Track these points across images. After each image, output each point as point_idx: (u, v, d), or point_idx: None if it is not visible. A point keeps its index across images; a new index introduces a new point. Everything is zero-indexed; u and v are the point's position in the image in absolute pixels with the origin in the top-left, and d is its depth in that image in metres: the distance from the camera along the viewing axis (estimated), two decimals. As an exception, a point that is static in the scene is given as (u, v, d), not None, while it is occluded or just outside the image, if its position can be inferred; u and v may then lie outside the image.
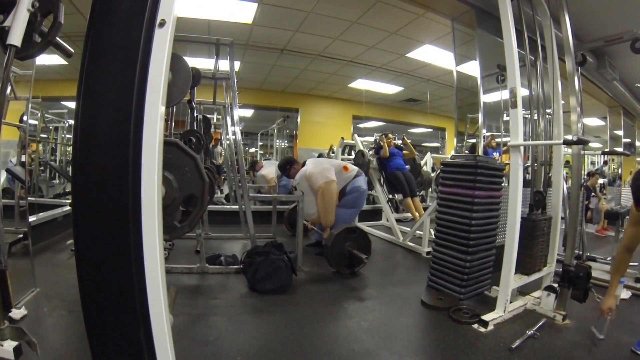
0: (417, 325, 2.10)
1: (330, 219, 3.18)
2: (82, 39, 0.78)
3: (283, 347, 1.71)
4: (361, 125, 8.23)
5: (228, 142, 4.27)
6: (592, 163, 8.35)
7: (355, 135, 5.17)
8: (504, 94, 3.34)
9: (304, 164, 3.60)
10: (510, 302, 2.13)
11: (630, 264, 3.07)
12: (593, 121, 7.60)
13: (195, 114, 3.01)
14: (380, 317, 2.12)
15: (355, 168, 3.60)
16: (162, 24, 0.81)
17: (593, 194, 5.22)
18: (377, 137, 4.83)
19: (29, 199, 2.58)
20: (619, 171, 7.70)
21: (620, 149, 6.80)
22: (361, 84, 6.93)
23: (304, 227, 3.25)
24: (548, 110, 2.46)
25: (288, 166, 3.75)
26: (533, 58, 2.39)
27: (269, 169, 5.38)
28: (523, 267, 2.21)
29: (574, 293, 2.07)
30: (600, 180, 5.82)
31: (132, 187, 0.78)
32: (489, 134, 4.19)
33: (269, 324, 1.97)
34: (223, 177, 6.15)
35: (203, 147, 2.64)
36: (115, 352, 0.82)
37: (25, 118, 2.73)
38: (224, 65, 3.15)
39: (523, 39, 2.21)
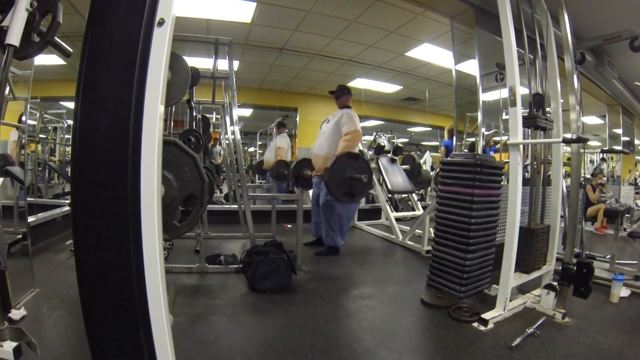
0: (416, 324, 2.10)
1: None
2: (80, 38, 0.78)
3: (283, 346, 1.71)
4: (360, 125, 8.21)
5: (227, 141, 4.26)
6: (591, 161, 8.35)
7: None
8: (503, 93, 3.33)
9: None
10: (510, 301, 2.13)
11: (629, 261, 3.11)
12: (592, 119, 7.61)
13: (194, 114, 3.01)
14: (380, 316, 2.12)
15: None
16: (161, 23, 0.81)
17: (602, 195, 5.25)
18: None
19: (28, 199, 2.58)
20: (618, 170, 7.71)
21: (619, 147, 6.82)
22: (360, 82, 6.92)
23: (304, 174, 3.41)
24: (547, 109, 2.46)
25: (343, 93, 3.67)
26: (532, 57, 2.39)
27: (284, 140, 5.66)
28: (523, 266, 2.22)
29: (576, 290, 2.07)
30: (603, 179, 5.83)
31: (132, 186, 0.78)
32: (490, 132, 4.18)
33: (269, 324, 1.97)
34: (222, 177, 6.15)
35: (202, 146, 2.64)
36: (115, 352, 0.81)
37: (24, 118, 2.71)
38: (222, 64, 3.15)
39: (522, 38, 2.21)
